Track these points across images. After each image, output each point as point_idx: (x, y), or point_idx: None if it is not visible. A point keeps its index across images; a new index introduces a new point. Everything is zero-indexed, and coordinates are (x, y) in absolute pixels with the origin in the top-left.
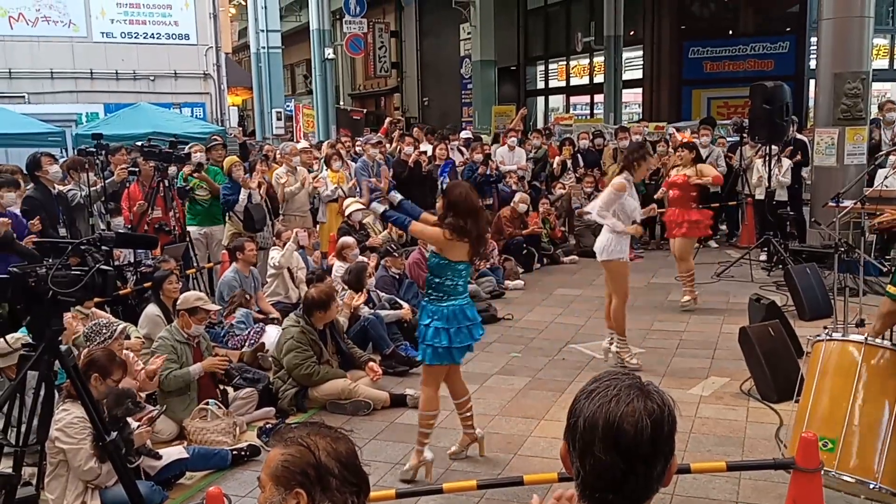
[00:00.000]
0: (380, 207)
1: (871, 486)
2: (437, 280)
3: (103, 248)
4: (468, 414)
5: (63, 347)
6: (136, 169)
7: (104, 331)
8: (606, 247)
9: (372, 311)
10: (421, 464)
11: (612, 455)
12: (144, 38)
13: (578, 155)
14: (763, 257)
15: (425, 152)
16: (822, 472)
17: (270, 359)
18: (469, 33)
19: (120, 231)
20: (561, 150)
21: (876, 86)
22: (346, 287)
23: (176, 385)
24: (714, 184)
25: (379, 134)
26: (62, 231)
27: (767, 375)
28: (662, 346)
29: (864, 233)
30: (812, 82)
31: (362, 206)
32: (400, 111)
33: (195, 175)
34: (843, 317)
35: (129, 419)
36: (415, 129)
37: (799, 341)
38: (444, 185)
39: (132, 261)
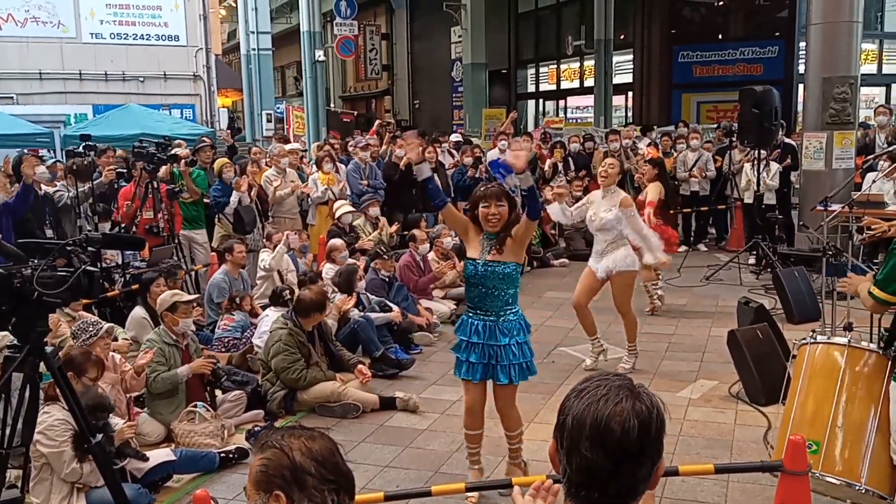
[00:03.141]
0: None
1: (857, 488)
2: (513, 290)
3: (90, 248)
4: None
5: (49, 349)
6: (125, 170)
7: (90, 329)
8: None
9: (362, 313)
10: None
11: (598, 454)
12: (134, 39)
13: (569, 158)
14: (752, 261)
15: None
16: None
17: (259, 361)
18: (460, 36)
19: (106, 232)
20: (552, 153)
21: (864, 90)
22: (335, 289)
23: (164, 387)
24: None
25: (368, 136)
26: (49, 232)
27: (756, 378)
28: (652, 348)
29: (852, 236)
30: (801, 87)
31: (352, 209)
32: (391, 114)
33: (181, 169)
34: (831, 320)
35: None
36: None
37: (787, 344)
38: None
39: (120, 262)
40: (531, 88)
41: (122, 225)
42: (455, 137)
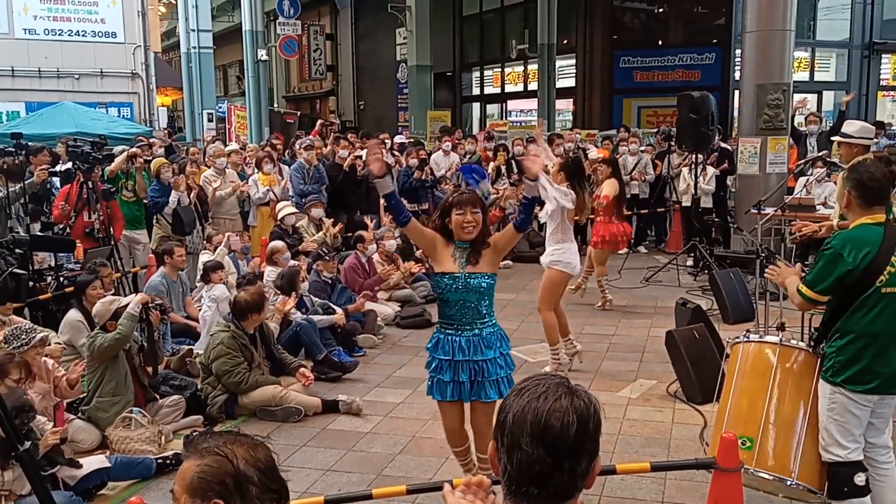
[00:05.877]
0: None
1: (789, 483)
2: (491, 301)
3: (17, 251)
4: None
5: None
6: (57, 169)
7: (23, 336)
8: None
9: (304, 316)
10: None
11: (538, 450)
12: (69, 35)
13: (512, 161)
14: (690, 262)
15: (360, 156)
16: (742, 471)
17: (199, 365)
18: (405, 38)
19: (36, 234)
20: (495, 156)
21: (797, 97)
22: (278, 292)
23: (129, 330)
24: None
25: (311, 136)
26: None
27: (693, 378)
28: (593, 349)
29: (785, 238)
30: (737, 93)
31: (295, 210)
32: (335, 114)
33: (136, 165)
34: (765, 320)
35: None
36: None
37: (723, 344)
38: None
39: (53, 265)
40: (476, 91)
41: (59, 225)
42: (399, 139)
